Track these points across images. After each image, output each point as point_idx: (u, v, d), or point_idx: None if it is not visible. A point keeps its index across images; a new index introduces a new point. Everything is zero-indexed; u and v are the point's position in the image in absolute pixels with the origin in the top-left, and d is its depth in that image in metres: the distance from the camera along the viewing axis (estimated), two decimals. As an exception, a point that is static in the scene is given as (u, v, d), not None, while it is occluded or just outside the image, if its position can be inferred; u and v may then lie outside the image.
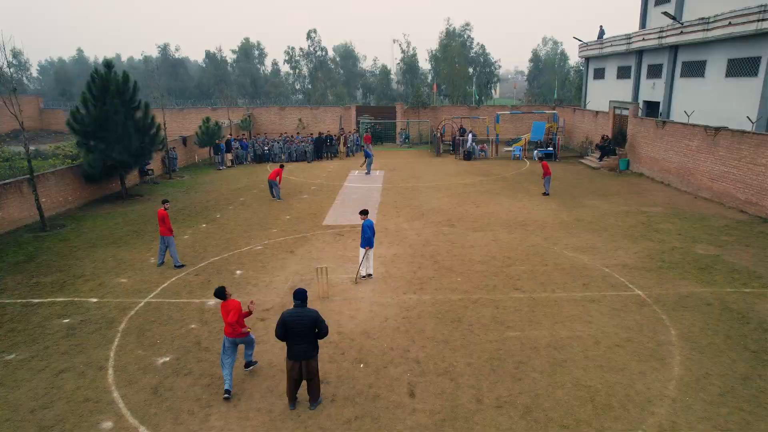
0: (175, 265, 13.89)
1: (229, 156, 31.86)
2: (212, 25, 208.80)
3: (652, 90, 28.35)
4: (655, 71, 28.14)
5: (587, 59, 37.89)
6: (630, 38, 29.31)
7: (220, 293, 8.31)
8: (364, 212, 12.72)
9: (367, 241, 12.41)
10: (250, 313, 8.65)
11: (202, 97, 69.43)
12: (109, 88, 20.84)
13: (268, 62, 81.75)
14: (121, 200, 22.37)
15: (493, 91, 61.11)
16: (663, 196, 21.66)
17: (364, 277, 12.80)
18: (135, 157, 21.89)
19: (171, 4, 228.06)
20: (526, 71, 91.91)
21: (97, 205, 21.46)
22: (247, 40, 79.66)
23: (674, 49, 25.58)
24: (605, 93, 34.45)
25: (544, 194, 21.86)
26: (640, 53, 29.31)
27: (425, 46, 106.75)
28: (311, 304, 11.38)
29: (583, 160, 30.81)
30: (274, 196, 22.37)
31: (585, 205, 20.26)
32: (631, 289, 11.95)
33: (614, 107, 29.78)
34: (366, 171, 28.06)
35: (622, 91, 31.71)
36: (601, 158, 28.75)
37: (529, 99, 49.40)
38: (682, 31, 23.73)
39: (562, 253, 14.61)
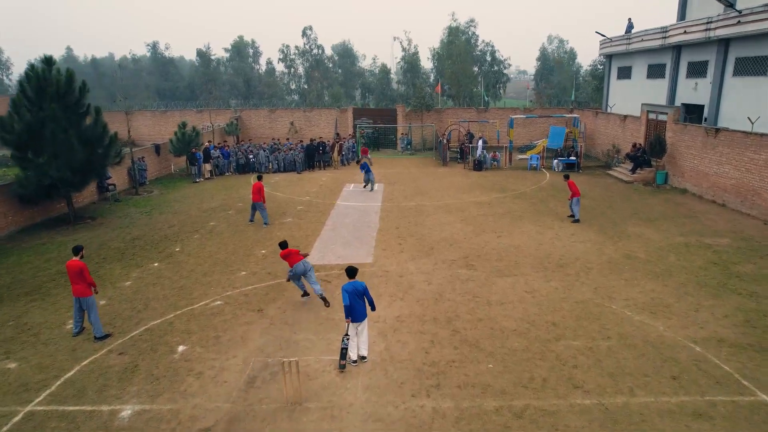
0: (95, 337, 10.06)
1: (208, 166, 28.01)
2: (211, 24, 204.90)
3: (693, 91, 24.51)
4: (697, 69, 24.30)
5: (609, 57, 34.03)
6: (666, 32, 25.47)
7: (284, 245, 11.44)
8: (350, 272, 8.93)
9: (352, 313, 8.64)
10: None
11: (193, 98, 65.67)
12: (47, 90, 17.02)
13: (263, 61, 78.02)
14: (67, 225, 18.54)
15: (501, 91, 57.11)
16: (723, 220, 17.84)
17: (354, 362, 8.97)
18: (81, 173, 18.06)
19: (170, 2, 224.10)
20: (530, 71, 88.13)
21: (33, 233, 17.61)
22: (241, 38, 75.86)
23: (725, 43, 21.75)
24: (632, 94, 30.61)
25: (573, 220, 17.99)
26: (678, 49, 25.47)
27: (426, 45, 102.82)
28: (275, 413, 7.43)
29: (611, 172, 26.97)
30: (251, 221, 18.60)
31: (630, 234, 16.45)
32: (750, 389, 8.10)
33: (647, 111, 25.95)
34: (370, 187, 23.85)
35: (654, 92, 27.87)
36: (633, 170, 24.92)
37: (541, 100, 45.42)
38: (739, 21, 19.89)
39: (624, 315, 10.78)
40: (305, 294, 11.75)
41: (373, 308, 9.15)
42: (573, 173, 27.12)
